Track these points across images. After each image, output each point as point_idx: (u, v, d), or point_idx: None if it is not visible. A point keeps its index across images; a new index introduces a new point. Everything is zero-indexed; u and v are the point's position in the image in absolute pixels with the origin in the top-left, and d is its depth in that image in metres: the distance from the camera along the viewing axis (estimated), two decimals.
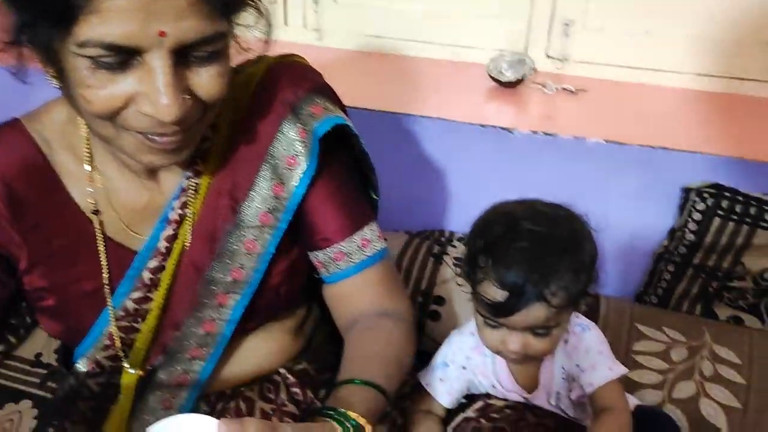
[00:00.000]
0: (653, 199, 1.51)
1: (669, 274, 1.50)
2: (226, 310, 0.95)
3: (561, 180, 1.56)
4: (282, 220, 0.94)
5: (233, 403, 1.00)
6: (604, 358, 1.03)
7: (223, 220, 0.93)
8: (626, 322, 1.47)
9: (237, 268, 0.93)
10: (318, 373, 1.08)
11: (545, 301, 0.93)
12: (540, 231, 0.95)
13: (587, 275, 0.97)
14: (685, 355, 1.38)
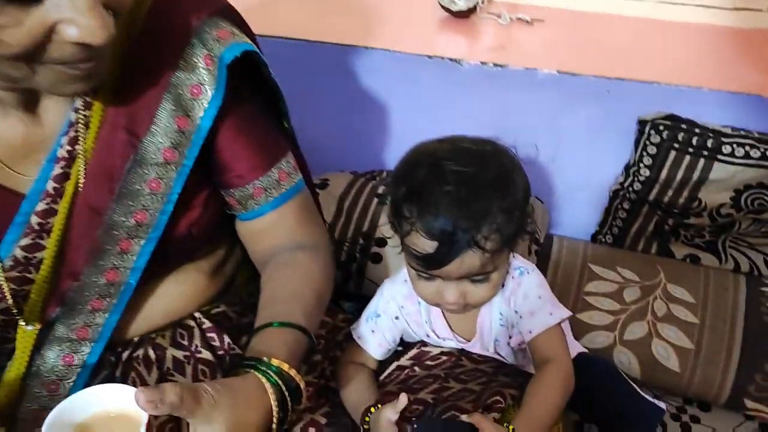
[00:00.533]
0: (609, 133, 1.43)
1: (624, 212, 1.44)
2: (131, 257, 0.86)
3: (512, 113, 1.47)
4: (188, 156, 0.86)
5: (141, 351, 0.92)
6: (543, 303, 0.96)
7: (120, 157, 0.84)
8: (579, 263, 1.41)
9: (140, 210, 0.85)
10: (239, 316, 1.00)
11: (478, 247, 0.86)
12: (466, 171, 0.87)
13: (521, 213, 0.90)
14: (638, 296, 1.32)
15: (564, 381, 0.92)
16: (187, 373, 0.91)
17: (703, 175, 1.32)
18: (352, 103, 1.58)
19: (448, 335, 1.01)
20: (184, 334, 0.94)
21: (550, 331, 0.95)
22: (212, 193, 0.92)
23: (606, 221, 1.48)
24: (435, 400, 0.91)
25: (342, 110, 1.59)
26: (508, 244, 0.91)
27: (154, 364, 0.90)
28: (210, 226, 0.94)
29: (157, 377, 0.90)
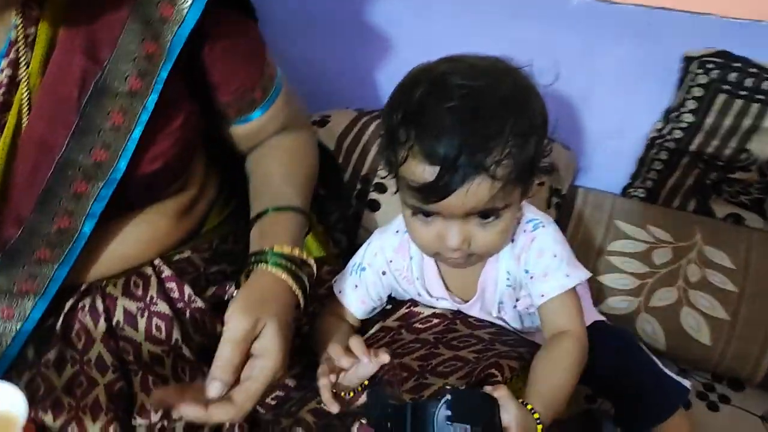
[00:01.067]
0: (649, 73, 1.25)
1: (661, 163, 1.27)
2: (86, 201, 0.76)
3: (538, 48, 1.29)
4: (155, 86, 0.76)
5: (88, 301, 0.82)
6: (560, 263, 0.82)
7: (78, 85, 0.74)
8: (604, 219, 1.26)
9: (100, 147, 0.75)
10: (207, 264, 0.89)
11: (487, 173, 0.72)
12: (474, 86, 0.73)
13: (538, 140, 0.76)
14: (669, 258, 1.17)
15: (579, 356, 0.80)
16: (139, 327, 0.82)
17: (756, 122, 1.14)
18: (360, 36, 1.43)
19: (443, 294, 0.88)
20: (139, 283, 0.84)
21: (565, 295, 0.82)
22: (183, 124, 0.81)
23: (639, 173, 1.32)
24: (421, 368, 0.80)
25: (350, 44, 1.44)
26: (522, 177, 0.76)
27: (102, 315, 0.81)
28: (178, 162, 0.84)
29: (104, 331, 0.80)
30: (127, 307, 0.82)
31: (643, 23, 1.22)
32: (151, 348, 0.81)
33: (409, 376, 0.79)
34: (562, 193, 1.31)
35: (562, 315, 0.82)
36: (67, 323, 0.81)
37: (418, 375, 0.79)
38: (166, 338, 0.81)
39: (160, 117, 0.77)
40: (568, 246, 0.86)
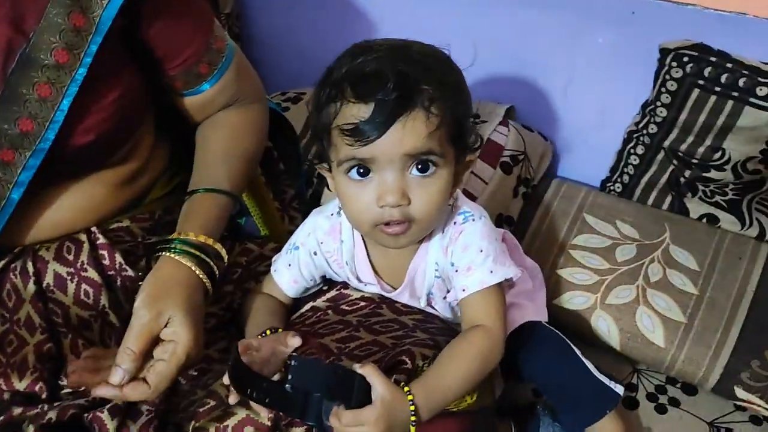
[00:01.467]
0: (631, 64, 1.22)
1: (637, 158, 1.24)
2: (13, 170, 0.78)
3: (518, 35, 1.28)
4: (84, 60, 0.76)
5: (20, 262, 0.84)
6: (485, 258, 0.81)
7: (3, 55, 0.75)
8: (572, 212, 1.23)
9: (26, 117, 0.76)
10: (146, 233, 0.91)
11: (422, 107, 0.71)
12: (398, 42, 0.77)
13: (465, 106, 0.78)
14: (632, 255, 1.15)
15: (487, 352, 0.78)
16: (69, 291, 0.84)
17: (730, 120, 1.10)
18: (343, 11, 1.42)
19: (372, 279, 0.88)
20: (72, 248, 0.85)
21: (486, 291, 0.81)
22: (119, 98, 0.81)
23: (617, 167, 1.29)
24: (339, 349, 0.80)
25: (333, 22, 1.44)
26: (454, 133, 0.75)
27: (32, 277, 0.83)
28: (113, 136, 0.84)
29: (34, 292, 0.83)
30: (58, 270, 0.84)
31: (626, 12, 1.18)
32: (79, 312, 0.83)
33: (327, 357, 0.79)
34: (532, 183, 1.29)
35: (480, 310, 0.81)
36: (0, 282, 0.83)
37: (334, 357, 0.79)
38: (94, 303, 0.83)
39: (92, 90, 0.78)
40: (498, 243, 0.84)
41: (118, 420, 0.74)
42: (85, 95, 0.77)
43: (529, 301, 0.99)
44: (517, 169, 1.25)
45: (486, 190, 1.22)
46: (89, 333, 0.83)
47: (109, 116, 0.81)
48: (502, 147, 1.26)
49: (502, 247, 0.85)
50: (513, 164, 1.25)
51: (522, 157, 1.27)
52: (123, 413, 0.75)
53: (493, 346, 0.79)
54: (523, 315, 0.96)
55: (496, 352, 0.79)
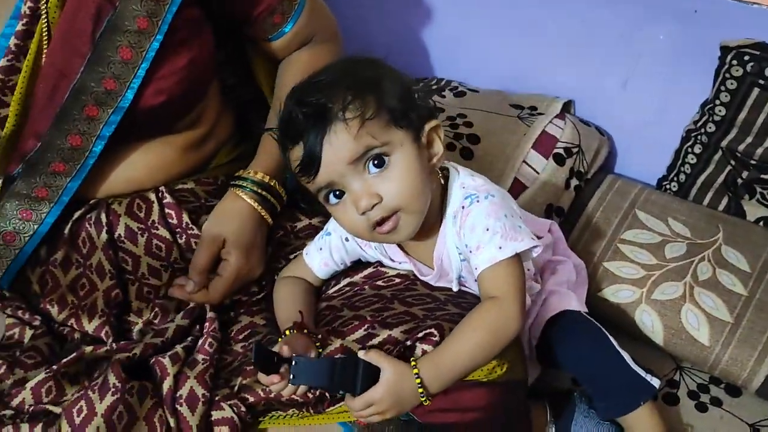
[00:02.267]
0: (693, 61, 1.21)
1: (694, 157, 1.23)
2: (97, 124, 0.86)
3: (578, 29, 1.28)
4: (160, 29, 0.85)
5: (95, 213, 0.92)
6: (492, 236, 0.81)
7: (92, 20, 0.83)
8: (625, 207, 1.23)
9: (110, 77, 0.84)
10: (208, 196, 0.98)
11: (337, 119, 0.76)
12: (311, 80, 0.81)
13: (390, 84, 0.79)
14: (682, 253, 1.14)
15: (496, 322, 0.79)
16: (139, 243, 0.91)
17: None
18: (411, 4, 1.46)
19: (405, 259, 0.91)
20: (142, 207, 0.93)
21: (498, 265, 0.81)
22: (188, 65, 0.89)
23: (675, 166, 1.28)
24: (372, 318, 0.84)
25: (396, 10, 1.47)
26: (387, 117, 0.78)
27: (105, 227, 0.91)
28: (182, 100, 0.92)
29: (106, 241, 0.91)
30: (129, 225, 0.92)
31: (689, 9, 1.17)
32: (150, 261, 0.92)
33: (360, 325, 0.84)
34: (585, 177, 1.29)
35: (491, 284, 0.82)
36: (75, 230, 0.92)
37: (368, 326, 0.83)
38: (166, 256, 0.92)
39: (166, 56, 0.86)
40: (508, 218, 0.83)
41: (178, 367, 0.81)
42: (160, 60, 0.86)
43: (567, 291, 1.00)
44: (570, 161, 1.26)
45: (537, 179, 1.24)
46: (157, 280, 0.92)
47: (179, 80, 0.89)
48: (557, 139, 1.27)
49: (513, 222, 0.83)
50: (566, 156, 1.26)
51: (576, 150, 1.28)
52: (182, 361, 0.82)
53: (503, 316, 0.80)
54: (563, 303, 0.97)
55: (508, 323, 0.80)
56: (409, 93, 0.81)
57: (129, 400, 0.77)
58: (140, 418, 0.77)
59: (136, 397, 0.78)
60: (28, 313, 0.89)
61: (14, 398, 0.79)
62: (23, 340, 0.87)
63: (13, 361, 0.83)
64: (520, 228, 0.83)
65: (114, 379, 0.77)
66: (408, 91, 0.81)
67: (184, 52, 0.88)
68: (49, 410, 0.78)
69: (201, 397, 0.79)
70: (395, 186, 0.78)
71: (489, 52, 1.36)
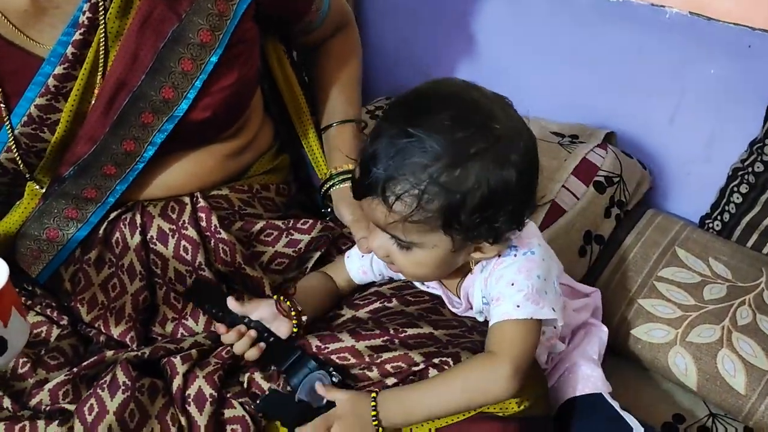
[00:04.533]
0: (743, 97, 1.18)
1: (740, 197, 1.19)
2: (150, 130, 0.88)
3: (628, 57, 1.26)
4: (221, 43, 0.87)
5: (129, 214, 0.93)
6: (515, 292, 0.78)
7: (157, 32, 0.85)
8: (664, 243, 1.20)
9: (169, 87, 0.87)
10: (243, 205, 0.98)
11: (381, 199, 0.73)
12: (431, 118, 0.72)
13: (475, 198, 0.72)
14: (722, 295, 1.10)
15: (482, 381, 0.76)
16: (169, 245, 0.92)
17: None
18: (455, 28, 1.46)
19: (436, 286, 0.90)
20: (176, 208, 0.94)
21: (509, 322, 0.77)
22: (235, 83, 0.91)
23: (719, 205, 1.24)
24: (395, 332, 0.83)
25: (442, 34, 1.47)
26: (439, 226, 0.73)
27: (138, 228, 0.92)
28: (226, 116, 0.93)
29: (139, 242, 0.92)
30: (161, 226, 0.92)
31: (742, 44, 1.14)
32: (177, 266, 0.92)
33: (380, 335, 0.82)
34: (626, 208, 1.26)
35: (496, 340, 0.78)
36: (110, 230, 0.93)
37: (388, 339, 0.82)
38: (191, 260, 0.91)
39: (218, 72, 0.88)
40: (540, 280, 0.79)
41: (188, 366, 0.81)
42: (212, 74, 0.88)
43: (595, 367, 0.93)
44: (611, 190, 1.23)
45: (577, 205, 1.21)
46: (181, 286, 0.92)
47: (225, 97, 0.90)
48: (598, 167, 1.25)
49: (543, 286, 0.79)
50: (607, 185, 1.24)
51: (617, 180, 1.25)
52: (193, 361, 0.82)
53: (492, 377, 0.75)
54: (589, 384, 0.90)
55: (496, 385, 0.75)
56: (497, 204, 0.73)
57: (140, 398, 0.77)
58: (152, 417, 0.78)
59: (147, 396, 0.78)
60: (56, 312, 0.90)
61: (33, 398, 0.80)
62: (49, 339, 0.88)
63: (37, 360, 0.84)
64: (546, 294, 0.79)
65: (123, 376, 0.77)
66: (498, 202, 0.73)
67: (234, 70, 0.90)
68: (65, 408, 0.79)
69: (209, 397, 0.79)
70: (404, 266, 0.80)
71: (532, 81, 1.35)
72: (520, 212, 0.76)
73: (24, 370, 0.83)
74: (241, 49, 0.90)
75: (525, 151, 0.74)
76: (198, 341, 0.87)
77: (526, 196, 0.76)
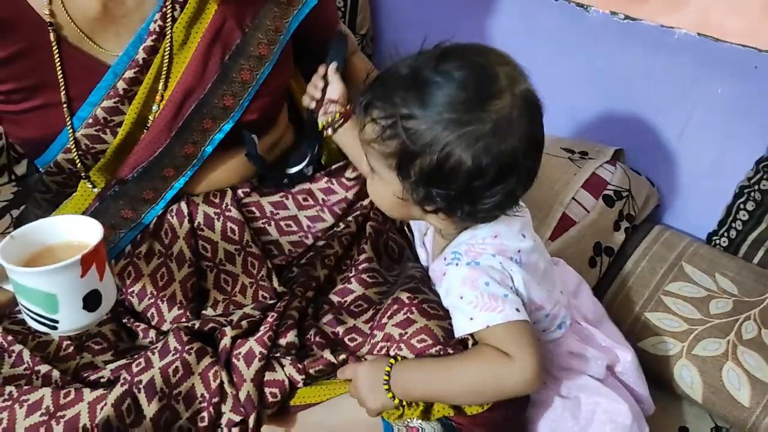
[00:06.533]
0: (749, 116, 1.20)
1: (746, 214, 1.21)
2: (209, 135, 0.94)
3: (638, 76, 1.29)
4: (275, 53, 0.95)
5: (176, 206, 0.97)
6: (464, 305, 0.79)
7: (224, 45, 0.92)
8: (671, 258, 1.22)
9: (230, 95, 0.93)
10: (274, 209, 1.02)
11: (363, 115, 0.78)
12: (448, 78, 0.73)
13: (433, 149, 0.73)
14: (728, 309, 1.12)
15: (500, 378, 0.76)
16: (216, 228, 0.96)
17: None
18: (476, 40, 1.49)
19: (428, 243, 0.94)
20: (217, 194, 0.99)
21: (488, 331, 0.78)
22: (277, 88, 0.98)
23: (725, 221, 1.26)
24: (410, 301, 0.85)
25: None
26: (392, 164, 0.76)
27: (186, 217, 0.96)
28: (269, 116, 1.00)
29: (188, 230, 0.96)
30: (206, 211, 0.97)
31: (749, 65, 1.17)
32: (226, 246, 0.96)
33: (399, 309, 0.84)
34: (634, 222, 1.29)
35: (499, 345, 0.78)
36: (159, 223, 0.96)
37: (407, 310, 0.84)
38: (239, 238, 0.96)
39: (266, 82, 0.94)
40: (487, 288, 0.78)
41: (237, 332, 0.86)
42: (262, 84, 0.94)
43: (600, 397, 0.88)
44: (620, 204, 1.26)
45: (587, 217, 1.25)
46: (232, 266, 0.96)
47: (270, 101, 0.97)
48: (607, 182, 1.28)
49: (499, 290, 0.78)
50: (616, 199, 1.26)
51: (626, 194, 1.27)
52: (243, 331, 0.87)
53: (515, 378, 0.76)
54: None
55: (511, 384, 0.76)
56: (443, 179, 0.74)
57: (187, 358, 0.82)
58: (195, 373, 0.82)
59: (194, 356, 0.83)
60: None
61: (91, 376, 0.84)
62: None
63: (80, 345, 0.88)
64: (506, 297, 0.78)
65: (175, 342, 0.83)
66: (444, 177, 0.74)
67: (278, 78, 0.97)
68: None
69: (258, 354, 0.83)
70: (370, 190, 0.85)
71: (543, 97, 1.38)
72: (467, 201, 0.75)
73: (68, 352, 0.86)
74: (282, 60, 0.97)
75: (501, 154, 0.72)
76: (247, 312, 0.91)
77: (479, 191, 0.74)
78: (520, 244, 0.82)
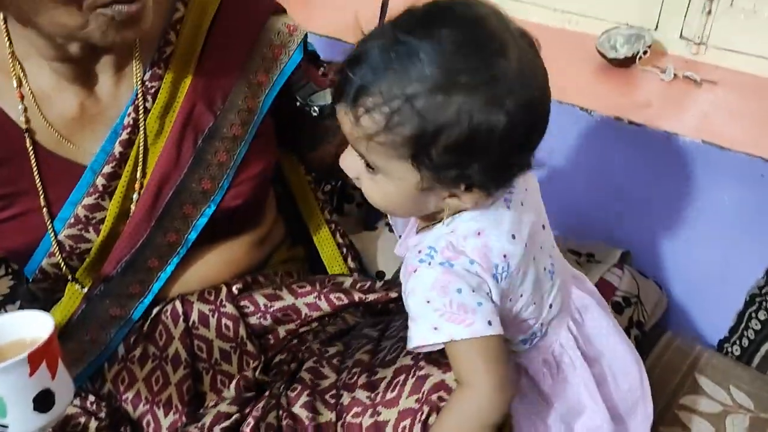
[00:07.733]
0: (757, 224, 1.19)
1: (759, 323, 1.18)
2: (190, 221, 0.92)
3: (645, 179, 1.29)
4: (249, 134, 0.94)
5: (170, 306, 0.94)
6: (430, 312, 0.69)
7: (197, 128, 0.91)
8: (683, 369, 1.18)
9: (208, 178, 0.92)
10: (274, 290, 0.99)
11: (351, 111, 0.66)
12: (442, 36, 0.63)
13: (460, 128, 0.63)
14: (744, 426, 1.07)
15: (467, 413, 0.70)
16: (211, 326, 0.94)
17: None
18: None
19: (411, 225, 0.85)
20: (212, 292, 0.97)
21: (453, 346, 0.70)
22: (260, 173, 0.96)
23: (737, 329, 1.23)
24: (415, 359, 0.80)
25: None
26: (406, 154, 0.65)
27: (181, 317, 0.93)
28: (253, 203, 0.98)
29: (183, 330, 0.93)
30: (201, 309, 0.95)
31: (755, 174, 1.17)
32: (221, 344, 0.93)
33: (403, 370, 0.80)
34: (644, 328, 1.26)
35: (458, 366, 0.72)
36: (153, 325, 0.94)
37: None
38: (234, 335, 0.94)
39: (246, 163, 0.94)
40: (459, 295, 0.69)
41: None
42: (242, 165, 0.93)
43: None
44: (629, 311, 1.23)
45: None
46: (228, 366, 0.93)
47: (254, 186, 0.95)
48: (615, 287, 1.25)
49: (471, 299, 0.69)
50: (625, 305, 1.23)
51: (635, 301, 1.25)
52: None
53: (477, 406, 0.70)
54: None
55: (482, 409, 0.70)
56: (476, 149, 0.64)
57: None
58: None
59: None
60: (95, 405, 0.90)
61: None
62: (87, 430, 0.88)
63: None
64: (479, 306, 0.69)
65: None
66: (477, 147, 0.64)
67: (260, 161, 0.96)
68: None
69: None
70: (367, 191, 0.73)
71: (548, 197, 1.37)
72: (500, 168, 0.67)
73: None
74: (262, 142, 0.96)
75: (526, 102, 0.64)
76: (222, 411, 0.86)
77: (511, 152, 0.66)
78: (508, 246, 0.72)
